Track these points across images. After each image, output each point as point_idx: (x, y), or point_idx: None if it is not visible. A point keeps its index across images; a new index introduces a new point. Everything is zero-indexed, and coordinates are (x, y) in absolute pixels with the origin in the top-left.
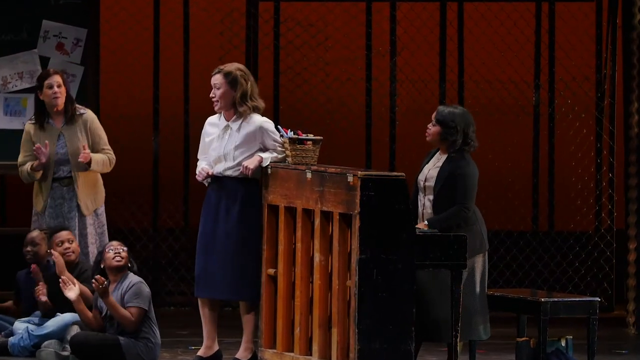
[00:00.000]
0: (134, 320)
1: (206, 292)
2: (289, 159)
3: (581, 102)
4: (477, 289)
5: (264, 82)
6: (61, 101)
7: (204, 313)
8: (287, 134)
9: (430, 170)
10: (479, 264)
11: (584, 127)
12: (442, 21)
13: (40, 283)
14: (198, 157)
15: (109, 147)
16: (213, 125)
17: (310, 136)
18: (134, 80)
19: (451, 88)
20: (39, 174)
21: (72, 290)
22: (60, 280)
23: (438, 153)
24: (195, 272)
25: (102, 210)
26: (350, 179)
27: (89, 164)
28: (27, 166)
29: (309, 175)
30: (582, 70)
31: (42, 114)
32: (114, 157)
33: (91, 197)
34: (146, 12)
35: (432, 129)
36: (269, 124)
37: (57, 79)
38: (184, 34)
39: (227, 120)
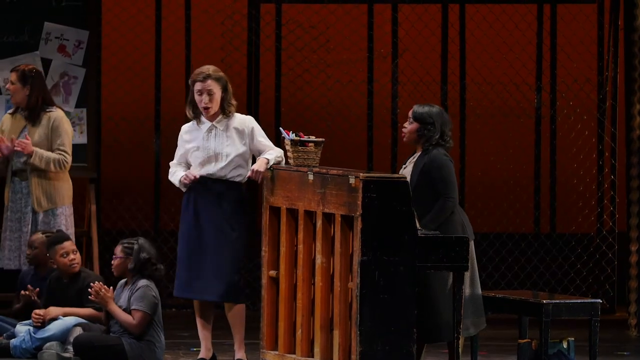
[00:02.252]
0: (135, 324)
1: (205, 295)
2: (291, 161)
3: (583, 104)
4: (467, 284)
5: (266, 84)
6: (14, 99)
7: (202, 316)
8: (288, 135)
9: (407, 168)
10: None
11: (585, 129)
12: (444, 23)
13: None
14: (171, 164)
15: (65, 148)
16: (192, 132)
17: (312, 138)
18: (136, 82)
19: (453, 90)
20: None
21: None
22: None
23: (415, 153)
24: (186, 275)
25: (61, 211)
26: (352, 180)
27: (30, 155)
28: None
29: (310, 177)
30: (583, 72)
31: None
32: (67, 160)
33: (46, 194)
34: (147, 13)
35: (409, 126)
36: (255, 122)
37: (11, 76)
38: (185, 36)
39: (211, 121)
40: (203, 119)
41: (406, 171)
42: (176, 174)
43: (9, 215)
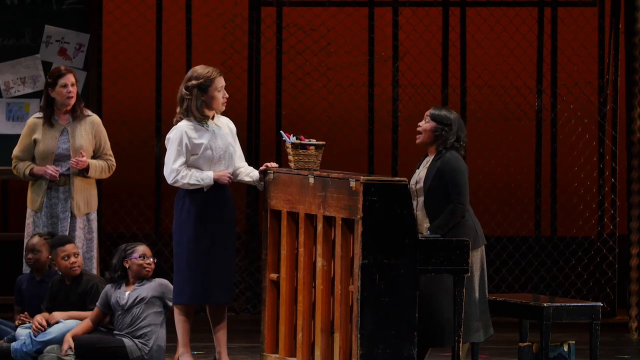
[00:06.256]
0: None
1: (219, 299)
2: (292, 164)
3: (584, 107)
4: (477, 289)
5: (267, 87)
6: (74, 100)
7: (189, 320)
8: (289, 139)
9: (420, 172)
10: (476, 259)
11: (586, 132)
12: (445, 26)
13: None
14: (179, 167)
15: (111, 153)
16: (197, 130)
17: (313, 141)
18: (136, 85)
19: (453, 93)
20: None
21: None
22: None
23: (427, 157)
24: (197, 279)
25: (94, 216)
26: (352, 184)
27: (86, 170)
28: (26, 168)
29: (311, 180)
30: (584, 75)
31: (50, 110)
32: (115, 164)
33: (85, 199)
34: (148, 16)
35: (425, 125)
36: None
37: (71, 78)
38: (186, 39)
39: (211, 120)
40: (203, 117)
41: (420, 175)
42: (202, 174)
43: (42, 221)
